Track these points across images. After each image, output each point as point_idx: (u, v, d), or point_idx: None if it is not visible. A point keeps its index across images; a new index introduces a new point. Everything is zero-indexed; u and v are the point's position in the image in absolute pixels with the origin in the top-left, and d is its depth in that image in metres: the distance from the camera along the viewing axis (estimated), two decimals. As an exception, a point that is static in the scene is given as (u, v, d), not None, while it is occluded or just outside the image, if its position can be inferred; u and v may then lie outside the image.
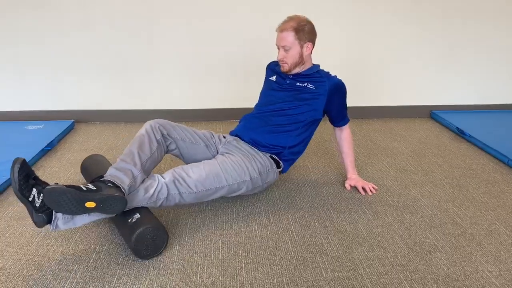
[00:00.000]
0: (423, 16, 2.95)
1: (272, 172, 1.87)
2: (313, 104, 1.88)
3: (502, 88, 3.25)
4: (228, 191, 1.74)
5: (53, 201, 1.29)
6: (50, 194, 1.28)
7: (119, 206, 1.41)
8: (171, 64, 2.92)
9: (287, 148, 1.89)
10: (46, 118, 2.92)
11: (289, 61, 1.85)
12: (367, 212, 1.83)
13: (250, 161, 1.79)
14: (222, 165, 1.71)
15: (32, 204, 1.33)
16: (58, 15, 2.72)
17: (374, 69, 3.07)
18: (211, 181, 1.66)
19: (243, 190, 1.80)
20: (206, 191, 1.66)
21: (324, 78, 1.89)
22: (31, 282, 1.36)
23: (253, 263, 1.48)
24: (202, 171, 1.66)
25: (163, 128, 1.77)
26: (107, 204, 1.37)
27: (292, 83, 1.92)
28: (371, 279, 1.41)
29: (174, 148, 1.83)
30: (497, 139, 2.59)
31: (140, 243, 1.44)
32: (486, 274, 1.45)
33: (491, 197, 1.99)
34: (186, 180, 1.62)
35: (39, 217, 1.36)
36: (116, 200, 1.39)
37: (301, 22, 1.81)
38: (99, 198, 1.36)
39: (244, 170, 1.76)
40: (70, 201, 1.31)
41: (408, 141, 2.72)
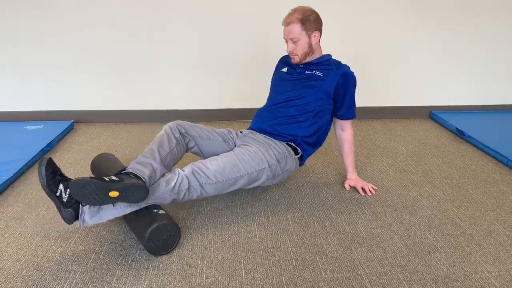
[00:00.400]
0: (423, 17, 2.95)
1: (291, 159, 1.88)
2: (320, 91, 1.89)
3: (501, 88, 3.25)
4: (248, 180, 1.75)
5: (78, 192, 1.35)
6: (75, 185, 1.35)
7: (141, 194, 1.45)
8: (171, 64, 2.92)
9: (300, 137, 1.91)
10: (46, 118, 2.92)
11: (299, 52, 1.87)
12: (366, 213, 1.83)
13: (267, 149, 1.82)
14: (239, 155, 1.75)
15: (60, 199, 1.39)
16: (58, 15, 2.72)
17: (373, 69, 3.08)
18: (229, 171, 1.69)
19: (264, 179, 1.80)
20: (226, 180, 1.69)
21: (332, 66, 1.90)
22: (30, 282, 1.36)
23: (252, 263, 1.48)
24: (220, 162, 1.70)
25: (181, 127, 1.84)
26: (129, 192, 1.42)
27: (301, 71, 1.94)
28: (370, 280, 1.41)
29: (193, 145, 1.88)
30: (496, 139, 2.59)
31: (156, 235, 1.47)
32: (485, 274, 1.45)
33: (491, 198, 1.99)
34: (205, 171, 1.65)
35: (67, 213, 1.42)
36: (138, 188, 1.43)
37: (306, 13, 1.82)
38: (122, 187, 1.40)
39: (262, 158, 1.78)
40: (94, 191, 1.36)
41: (408, 142, 2.72)
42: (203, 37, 2.86)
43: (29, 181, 2.07)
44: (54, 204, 1.45)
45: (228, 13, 2.81)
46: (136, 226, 1.54)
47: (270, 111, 1.97)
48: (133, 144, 2.60)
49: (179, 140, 1.80)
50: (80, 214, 1.44)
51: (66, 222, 1.44)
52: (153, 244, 1.48)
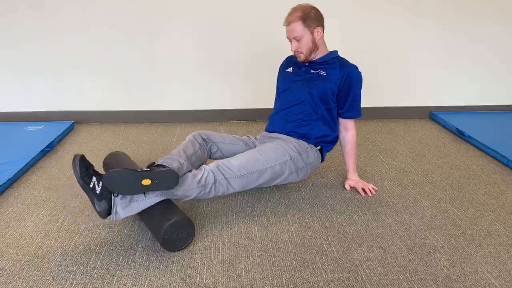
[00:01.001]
0: (423, 17, 2.95)
1: (312, 151, 1.92)
2: (324, 91, 1.90)
3: (501, 89, 3.25)
4: (273, 174, 1.80)
5: (112, 181, 1.44)
6: (110, 175, 1.43)
7: (172, 180, 1.53)
8: (171, 64, 2.92)
9: (313, 139, 1.93)
10: (46, 119, 2.92)
11: (303, 50, 1.88)
12: (366, 213, 1.83)
13: (286, 143, 1.87)
14: (261, 150, 1.82)
15: (93, 191, 1.47)
16: (58, 16, 2.72)
17: (373, 69, 3.07)
18: (252, 165, 1.75)
19: (287, 172, 1.84)
20: (250, 174, 1.73)
21: (337, 64, 1.90)
22: (31, 283, 1.36)
23: (252, 264, 1.48)
24: (243, 158, 1.77)
25: (203, 134, 1.95)
26: (161, 179, 1.50)
27: (306, 71, 1.95)
28: (371, 280, 1.41)
29: (215, 150, 1.96)
30: (496, 140, 2.59)
31: (174, 227, 1.49)
32: (485, 275, 1.45)
33: (491, 198, 1.99)
34: (229, 166, 1.71)
35: (100, 205, 1.48)
36: (169, 175, 1.52)
37: (306, 10, 1.83)
38: (153, 174, 1.49)
39: (282, 152, 1.83)
40: (128, 180, 1.45)
41: (408, 142, 2.72)
42: (204, 37, 2.86)
43: (29, 182, 2.07)
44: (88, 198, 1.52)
45: (228, 13, 2.81)
46: (158, 213, 1.55)
47: (281, 116, 1.99)
48: (133, 144, 2.60)
49: (202, 145, 1.90)
50: (113, 205, 1.49)
51: (101, 216, 1.50)
52: (169, 234, 1.49)
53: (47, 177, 2.13)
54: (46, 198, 1.91)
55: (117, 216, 1.50)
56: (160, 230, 1.48)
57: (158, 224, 1.51)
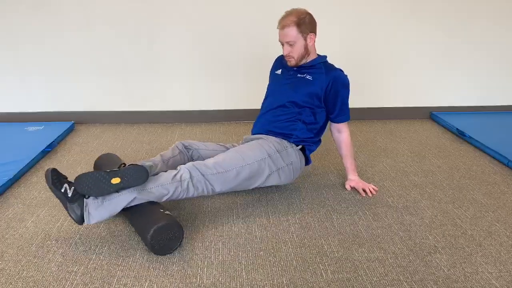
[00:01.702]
0: (423, 17, 2.95)
1: (293, 150, 1.89)
2: (309, 95, 1.90)
3: (502, 89, 3.25)
4: (251, 173, 1.77)
5: (82, 184, 1.46)
6: (79, 178, 1.47)
7: (142, 176, 1.53)
8: (172, 65, 2.93)
9: (295, 135, 1.92)
10: (46, 119, 2.92)
11: (295, 55, 1.87)
12: (367, 214, 1.83)
13: (264, 141, 1.87)
14: (237, 149, 1.82)
15: (65, 195, 1.47)
16: (59, 16, 2.72)
17: (373, 70, 3.08)
18: (228, 162, 1.73)
19: (267, 172, 1.81)
20: (226, 172, 1.71)
21: (323, 69, 1.90)
22: (31, 283, 1.36)
23: (253, 264, 1.48)
24: (219, 157, 1.76)
25: (185, 142, 1.97)
26: (130, 175, 1.51)
27: (294, 74, 1.95)
28: (371, 281, 1.41)
29: (197, 156, 1.95)
30: (497, 140, 2.59)
31: (159, 234, 1.47)
32: (486, 275, 1.45)
33: (491, 198, 1.99)
34: (205, 163, 1.70)
35: (73, 209, 1.48)
36: (138, 170, 1.52)
37: (301, 15, 1.82)
38: (122, 172, 1.51)
39: (260, 149, 1.82)
40: (97, 181, 1.47)
41: (408, 143, 2.72)
42: (203, 38, 2.86)
43: (29, 182, 2.07)
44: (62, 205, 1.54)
45: (228, 14, 2.81)
46: (140, 224, 1.54)
47: (266, 117, 1.99)
48: (133, 145, 2.60)
49: (183, 151, 1.92)
50: (84, 207, 1.49)
51: (77, 222, 1.50)
52: (155, 242, 1.48)
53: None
54: (46, 198, 1.91)
55: (91, 218, 1.49)
56: (148, 243, 1.48)
57: (143, 237, 1.50)
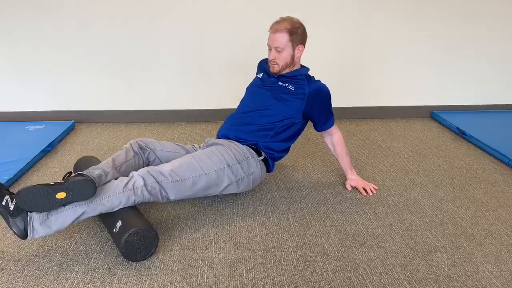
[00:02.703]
0: (423, 16, 2.95)
1: (253, 160, 1.82)
2: (289, 105, 1.87)
3: (502, 88, 3.25)
4: (208, 181, 1.69)
5: (25, 200, 1.33)
6: (21, 194, 1.33)
7: (89, 190, 1.41)
8: (172, 64, 2.92)
9: (261, 142, 1.87)
10: (47, 118, 2.92)
11: (280, 62, 1.85)
12: (367, 213, 1.83)
13: (225, 150, 1.78)
14: (195, 156, 1.72)
15: (7, 208, 1.35)
16: (59, 15, 2.72)
17: (374, 69, 3.07)
18: (185, 170, 1.64)
19: (226, 182, 1.74)
20: (182, 180, 1.63)
21: (305, 81, 1.87)
22: (32, 282, 1.37)
23: (253, 263, 1.48)
24: (175, 163, 1.66)
25: (142, 142, 1.84)
26: (76, 190, 1.39)
27: (274, 81, 1.93)
28: (371, 280, 1.41)
29: (153, 158, 1.85)
30: (497, 139, 2.59)
31: (130, 250, 1.44)
32: (486, 274, 1.45)
33: (492, 198, 1.99)
34: (160, 170, 1.60)
35: (16, 223, 1.36)
36: (84, 184, 1.40)
37: (295, 25, 1.81)
38: (67, 186, 1.38)
39: (219, 158, 1.73)
40: (41, 196, 1.34)
41: (409, 142, 2.72)
42: (204, 37, 2.86)
43: (30, 182, 2.07)
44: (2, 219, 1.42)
45: (228, 14, 2.81)
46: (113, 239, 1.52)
47: (238, 117, 1.95)
48: (134, 144, 2.60)
49: (138, 153, 1.79)
50: (28, 221, 1.37)
51: (20, 237, 1.37)
52: (138, 254, 1.46)
53: (48, 177, 2.13)
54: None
55: (35, 233, 1.38)
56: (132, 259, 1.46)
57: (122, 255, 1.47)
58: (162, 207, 1.84)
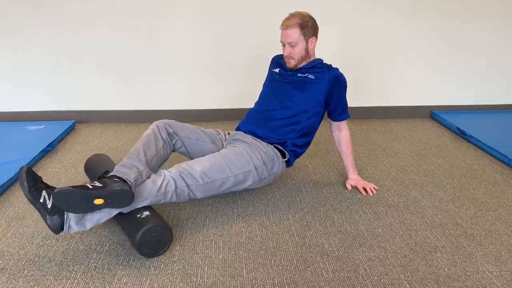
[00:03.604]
0: (424, 16, 2.95)
1: (278, 162, 1.88)
2: (312, 94, 1.89)
3: (502, 88, 3.25)
4: (235, 182, 1.75)
5: (62, 203, 1.34)
6: (58, 196, 1.33)
7: (127, 199, 1.43)
8: (172, 64, 2.92)
9: (289, 140, 1.91)
10: (47, 118, 2.92)
11: (296, 57, 1.87)
12: (367, 213, 1.83)
13: (253, 151, 1.81)
14: (225, 156, 1.74)
15: (44, 206, 1.36)
16: (59, 15, 2.72)
17: (374, 69, 3.07)
18: (215, 172, 1.69)
19: (250, 181, 1.80)
20: (212, 182, 1.68)
21: (324, 68, 1.91)
22: (32, 282, 1.37)
23: (253, 263, 1.48)
24: (206, 163, 1.69)
25: (169, 126, 1.82)
26: (114, 198, 1.41)
27: (293, 74, 1.94)
28: (371, 280, 1.41)
29: (180, 146, 1.86)
30: (497, 139, 2.59)
31: (145, 240, 1.45)
32: (487, 274, 1.45)
33: (492, 198, 1.99)
34: (192, 172, 1.64)
35: (52, 220, 1.38)
36: (123, 194, 1.42)
37: (305, 18, 1.83)
38: (106, 194, 1.39)
39: (248, 160, 1.77)
40: (78, 201, 1.35)
41: (409, 142, 2.72)
42: (204, 37, 2.86)
43: (30, 181, 2.07)
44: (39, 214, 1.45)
45: (228, 13, 2.81)
46: (128, 235, 1.52)
47: (261, 113, 1.96)
48: (134, 144, 2.60)
49: (166, 141, 1.79)
50: (66, 220, 1.40)
51: (53, 232, 1.40)
52: (148, 249, 1.47)
53: (48, 177, 2.13)
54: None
55: (70, 230, 1.42)
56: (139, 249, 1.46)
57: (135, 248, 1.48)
58: (162, 207, 1.84)
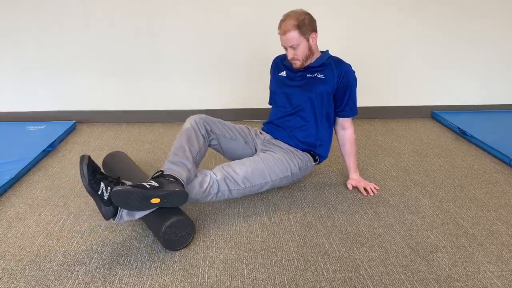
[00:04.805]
0: (425, 16, 2.94)
1: (310, 166, 1.99)
2: (324, 93, 1.89)
3: (503, 88, 3.24)
4: (272, 185, 1.85)
5: (121, 201, 1.40)
6: (118, 195, 1.39)
7: (181, 200, 1.51)
8: (173, 64, 2.92)
9: (318, 147, 1.96)
10: (48, 118, 2.92)
11: (300, 57, 1.86)
12: (368, 213, 1.83)
13: (291, 158, 1.89)
14: (266, 162, 1.82)
15: (101, 197, 1.42)
16: (60, 15, 2.72)
17: (375, 69, 3.07)
18: (256, 177, 1.77)
19: (284, 184, 1.92)
20: (252, 187, 1.77)
21: (333, 65, 1.89)
22: (33, 282, 1.37)
23: (254, 263, 1.48)
24: (248, 168, 1.76)
25: (206, 123, 1.87)
26: (170, 198, 1.48)
27: (303, 75, 1.93)
28: (372, 280, 1.41)
29: (216, 143, 1.92)
30: (498, 139, 2.59)
31: (173, 228, 1.49)
32: (488, 274, 1.44)
33: (493, 198, 1.98)
34: (235, 177, 1.72)
35: (107, 209, 1.45)
36: (179, 195, 1.49)
37: (300, 17, 1.80)
38: (163, 194, 1.46)
39: (286, 167, 1.86)
40: (137, 200, 1.41)
41: (410, 142, 2.71)
42: (204, 37, 2.86)
43: (31, 182, 2.07)
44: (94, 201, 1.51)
45: (228, 13, 2.81)
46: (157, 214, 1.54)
47: (284, 122, 1.97)
48: (135, 144, 2.61)
49: (205, 138, 1.84)
50: (119, 211, 1.47)
51: (105, 218, 1.47)
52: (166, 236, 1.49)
53: (49, 177, 2.13)
54: (48, 197, 1.92)
55: (121, 220, 1.49)
56: (160, 231, 1.49)
57: (157, 225, 1.51)
58: (163, 207, 1.83)
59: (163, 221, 1.50)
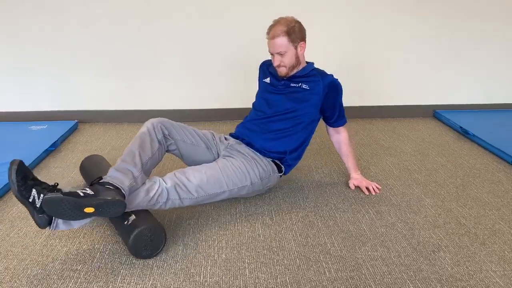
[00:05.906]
0: (427, 15, 2.94)
1: (274, 176, 1.88)
2: (308, 104, 1.86)
3: (505, 87, 3.23)
4: (229, 195, 1.75)
5: (52, 210, 1.31)
6: (49, 204, 1.29)
7: (118, 210, 1.39)
8: (174, 64, 2.93)
9: (288, 153, 1.88)
10: (50, 118, 2.93)
11: (287, 65, 1.83)
12: (370, 212, 1.83)
13: (251, 166, 1.78)
14: (224, 170, 1.71)
15: (33, 205, 1.32)
16: (62, 15, 2.73)
17: (377, 68, 3.07)
18: (212, 186, 1.66)
19: (243, 194, 1.81)
20: (206, 195, 1.67)
21: (318, 77, 1.86)
22: (35, 281, 1.37)
23: (256, 263, 1.48)
24: (203, 175, 1.65)
25: (165, 128, 1.76)
26: (105, 208, 1.36)
27: (286, 84, 1.90)
28: (374, 279, 1.40)
29: (174, 148, 1.82)
30: (500, 138, 2.58)
31: (138, 245, 1.44)
32: (490, 273, 1.44)
33: (495, 197, 1.98)
34: (187, 185, 1.61)
35: (41, 218, 1.36)
36: (115, 204, 1.37)
37: (290, 24, 1.77)
38: (97, 204, 1.34)
39: (245, 175, 1.75)
40: (69, 209, 1.31)
41: (412, 141, 2.71)
42: (205, 37, 2.86)
43: (33, 181, 2.08)
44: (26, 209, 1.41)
45: (228, 13, 2.81)
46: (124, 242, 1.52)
47: (259, 124, 1.91)
48: (136, 144, 2.61)
49: (161, 143, 1.73)
50: (54, 219, 1.38)
51: (39, 227, 1.38)
52: (144, 252, 1.47)
53: (51, 177, 2.13)
54: (50, 197, 1.92)
55: (57, 228, 1.40)
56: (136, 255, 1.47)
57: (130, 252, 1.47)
58: (165, 207, 1.84)
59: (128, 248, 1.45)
